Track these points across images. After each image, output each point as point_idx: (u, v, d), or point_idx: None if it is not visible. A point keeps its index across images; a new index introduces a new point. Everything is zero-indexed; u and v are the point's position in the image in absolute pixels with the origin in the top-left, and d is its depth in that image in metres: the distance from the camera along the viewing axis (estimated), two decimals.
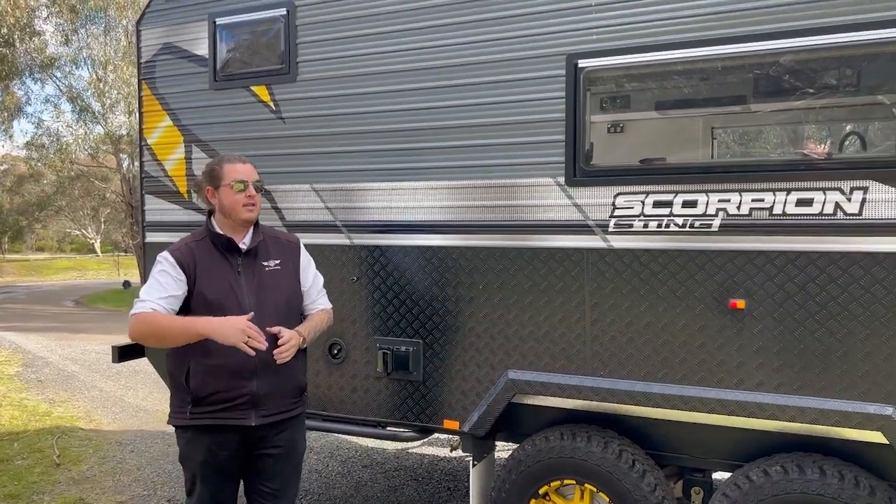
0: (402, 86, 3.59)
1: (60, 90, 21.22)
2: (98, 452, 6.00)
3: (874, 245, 2.75)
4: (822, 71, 2.94)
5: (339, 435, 6.01)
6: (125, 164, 21.50)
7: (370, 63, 3.67)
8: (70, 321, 16.58)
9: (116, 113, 20.42)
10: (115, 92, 19.54)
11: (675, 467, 3.42)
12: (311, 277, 2.94)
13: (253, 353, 2.53)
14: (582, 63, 3.17)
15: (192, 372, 2.67)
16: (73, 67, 21.09)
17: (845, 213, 2.79)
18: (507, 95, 3.35)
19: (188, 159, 4.19)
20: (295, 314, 2.85)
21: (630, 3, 3.09)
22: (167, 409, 2.85)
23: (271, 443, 2.81)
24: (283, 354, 2.66)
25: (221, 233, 2.78)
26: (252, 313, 2.60)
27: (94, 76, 20.47)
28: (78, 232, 46.79)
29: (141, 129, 4.35)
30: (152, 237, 4.33)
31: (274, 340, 2.67)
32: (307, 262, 2.95)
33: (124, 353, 4.49)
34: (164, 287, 2.67)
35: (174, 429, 2.82)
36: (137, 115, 4.49)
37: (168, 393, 2.84)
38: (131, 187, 20.51)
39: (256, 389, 2.69)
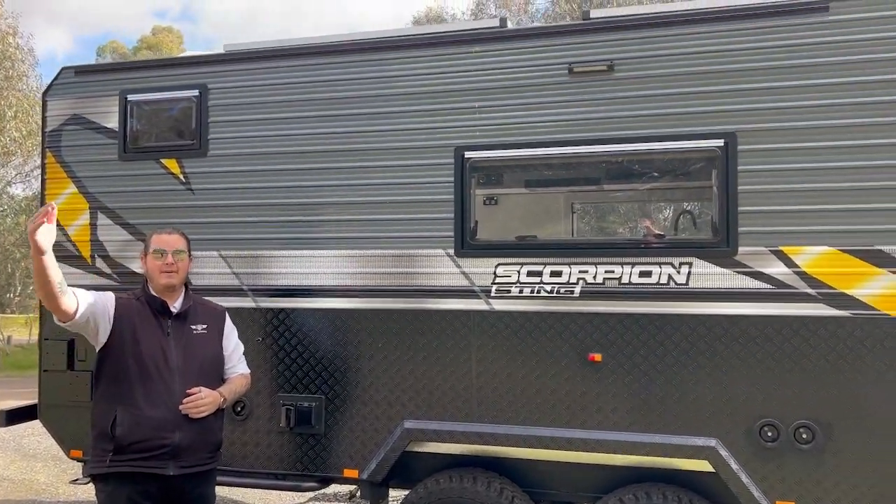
0: (309, 165, 4.01)
1: None
2: None
3: (698, 308, 3.46)
4: (657, 164, 3.70)
5: (226, 494, 6.09)
6: None
7: (278, 143, 4.07)
8: None
9: None
10: None
11: (547, 502, 3.93)
12: (233, 344, 3.24)
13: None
14: (468, 154, 3.76)
15: (119, 420, 2.88)
16: None
17: (676, 283, 3.49)
18: (403, 178, 3.86)
19: (93, 225, 4.35)
20: (216, 376, 3.13)
21: (506, 108, 3.73)
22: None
23: (189, 494, 3.02)
24: (198, 409, 2.93)
25: (157, 296, 3.05)
26: None
27: None
28: None
29: (43, 195, 4.46)
30: None
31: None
32: (230, 330, 3.26)
33: (13, 417, 4.46)
34: (91, 291, 2.97)
35: (93, 482, 2.99)
36: (40, 181, 4.58)
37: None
38: None
39: (178, 441, 2.93)
